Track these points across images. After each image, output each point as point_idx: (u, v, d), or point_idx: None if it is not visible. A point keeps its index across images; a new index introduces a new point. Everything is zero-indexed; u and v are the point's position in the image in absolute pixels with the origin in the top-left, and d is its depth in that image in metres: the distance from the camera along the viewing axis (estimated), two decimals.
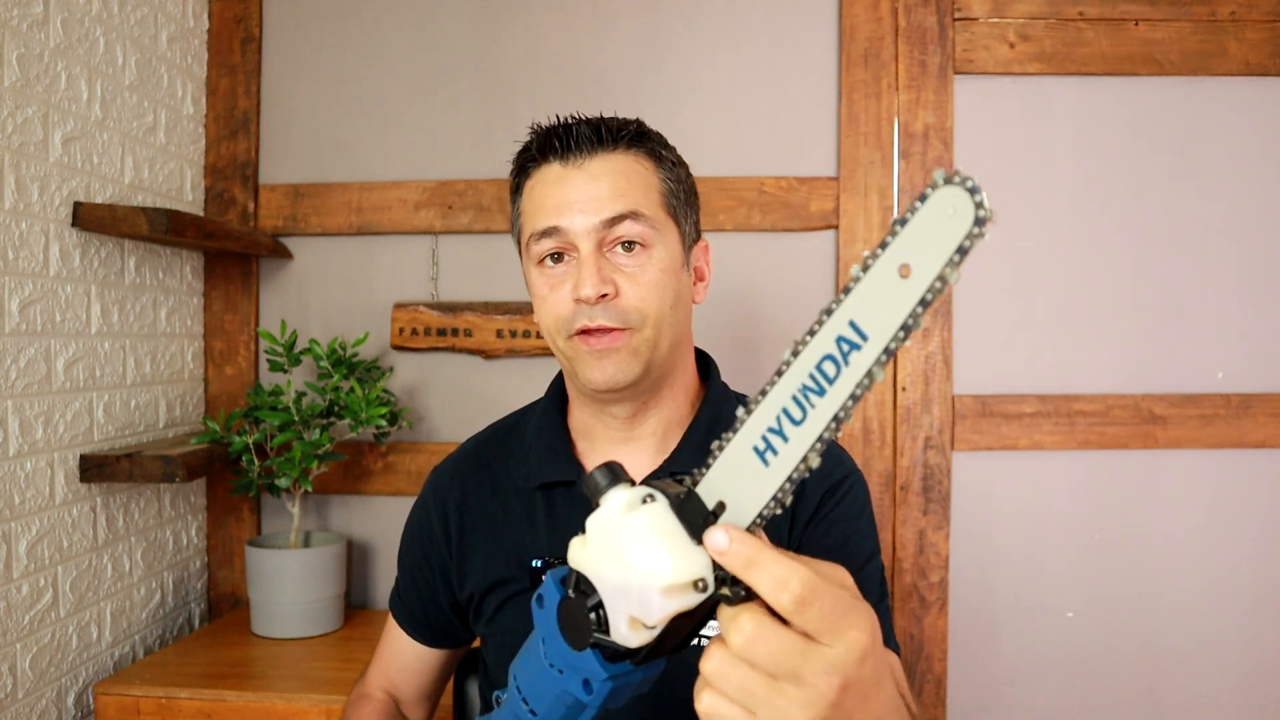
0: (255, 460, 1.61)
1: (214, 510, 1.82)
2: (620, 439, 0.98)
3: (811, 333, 0.51)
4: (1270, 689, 1.73)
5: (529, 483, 0.99)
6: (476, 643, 1.11)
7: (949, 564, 1.74)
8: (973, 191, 0.45)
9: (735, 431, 0.54)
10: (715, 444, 0.54)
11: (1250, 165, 1.72)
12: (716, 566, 0.52)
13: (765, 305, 1.77)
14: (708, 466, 0.54)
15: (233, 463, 1.64)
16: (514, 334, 1.75)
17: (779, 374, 0.52)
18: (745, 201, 1.74)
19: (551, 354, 1.74)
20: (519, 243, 0.97)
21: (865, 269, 0.49)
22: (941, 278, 0.46)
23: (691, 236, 0.98)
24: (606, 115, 0.96)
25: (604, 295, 0.88)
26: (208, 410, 1.81)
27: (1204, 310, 1.73)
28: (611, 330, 0.89)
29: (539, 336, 1.74)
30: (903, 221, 0.48)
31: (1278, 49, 1.71)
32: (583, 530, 0.57)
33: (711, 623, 0.55)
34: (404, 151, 1.81)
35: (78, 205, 1.43)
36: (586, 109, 1.00)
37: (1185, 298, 1.73)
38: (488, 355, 1.78)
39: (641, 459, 0.98)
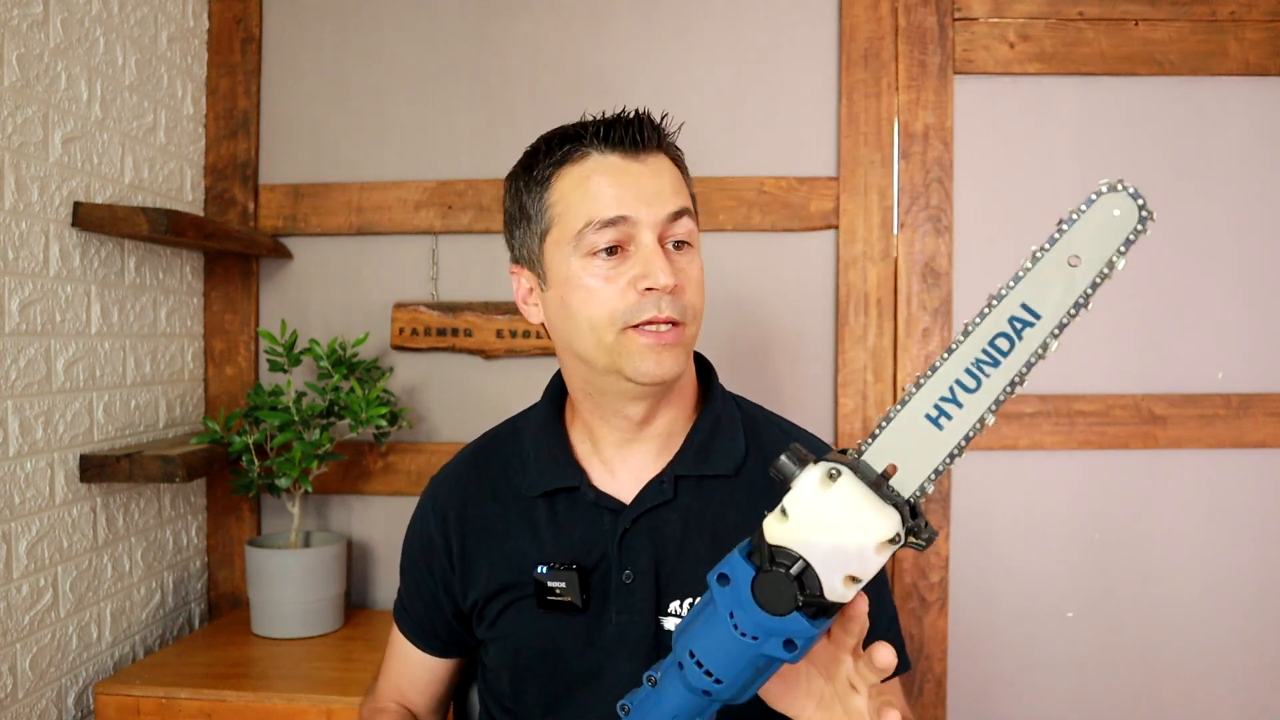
0: (255, 460, 1.61)
1: (214, 510, 1.82)
2: (627, 440, 0.98)
3: (981, 315, 0.61)
4: (1270, 689, 1.73)
5: (531, 490, 0.99)
6: None
7: (949, 564, 1.74)
8: (1135, 196, 0.57)
9: (903, 404, 0.62)
10: (880, 417, 0.61)
11: (1250, 165, 1.72)
12: (903, 520, 0.61)
13: (765, 305, 1.77)
14: (873, 436, 0.63)
15: (233, 463, 1.64)
16: (514, 334, 1.75)
17: (949, 351, 0.62)
18: (745, 201, 1.74)
19: (551, 354, 1.74)
20: (541, 236, 0.93)
21: (1035, 260, 0.60)
22: (1109, 264, 0.58)
23: None
24: (640, 111, 0.96)
25: (677, 285, 0.89)
26: (208, 410, 1.81)
27: (1204, 310, 1.73)
28: (675, 324, 0.89)
29: (539, 336, 1.74)
30: (1069, 221, 0.59)
31: (1278, 49, 1.71)
32: (771, 510, 0.64)
33: None
34: (404, 151, 1.81)
35: (78, 205, 1.43)
36: (586, 109, 1.00)
37: (1185, 298, 1.73)
38: (488, 355, 1.78)
39: (646, 459, 0.98)
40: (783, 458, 0.63)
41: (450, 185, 1.78)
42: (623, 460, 0.98)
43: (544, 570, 0.94)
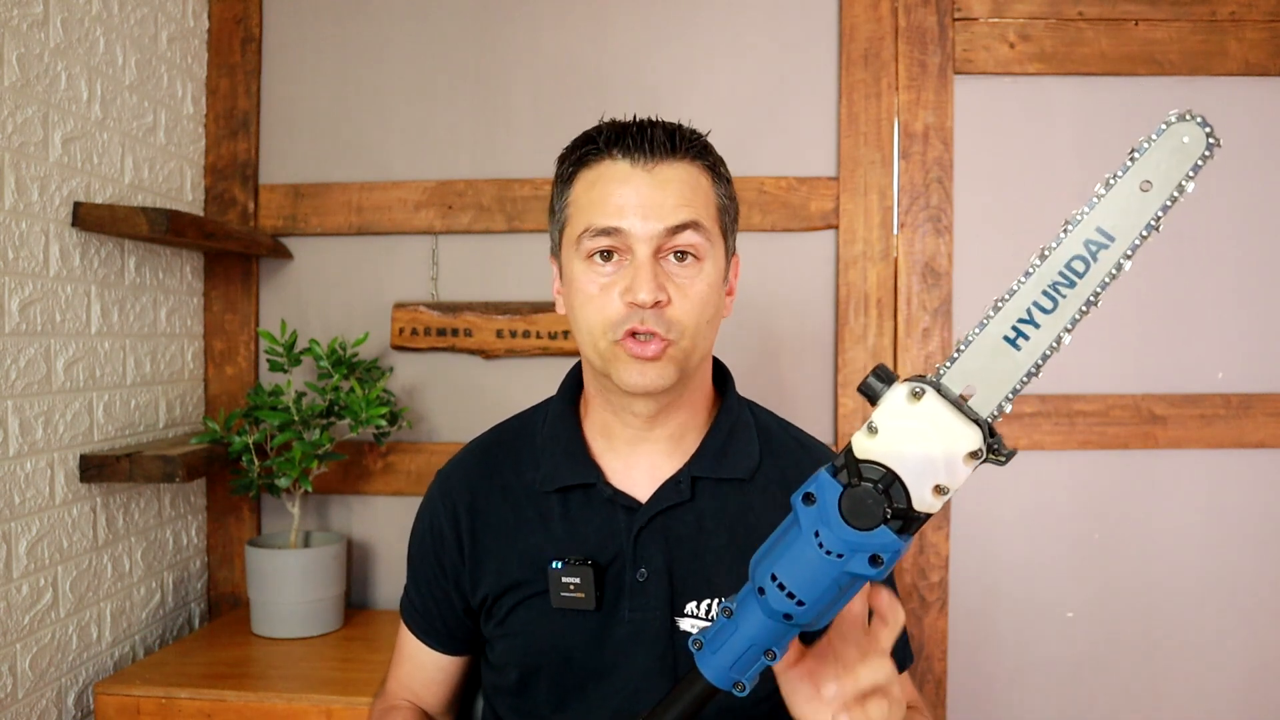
0: (255, 460, 1.61)
1: (214, 510, 1.82)
2: (638, 438, 0.98)
3: (1058, 240, 0.66)
4: (1270, 689, 1.73)
5: (546, 486, 0.98)
6: None
7: (949, 564, 1.74)
8: (1203, 124, 0.62)
9: (981, 327, 0.66)
10: (958, 342, 0.65)
11: (1250, 165, 1.72)
12: (983, 437, 0.64)
13: (765, 305, 1.77)
14: (952, 360, 0.66)
15: (233, 463, 1.64)
16: (514, 334, 1.75)
17: (1026, 275, 0.66)
18: (745, 201, 1.74)
19: (551, 354, 1.75)
20: (560, 231, 0.96)
21: (1108, 187, 0.65)
22: (1179, 187, 0.63)
23: (731, 251, 0.99)
24: (655, 120, 0.95)
25: (659, 301, 0.88)
26: (208, 410, 1.81)
27: (1204, 310, 1.73)
28: (657, 338, 0.89)
29: (539, 336, 1.74)
30: (1141, 149, 0.64)
31: (1278, 49, 1.71)
32: (861, 427, 0.67)
33: None
34: (404, 151, 1.81)
35: (78, 205, 1.43)
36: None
37: (1185, 298, 1.73)
38: (488, 355, 1.78)
39: (657, 459, 0.98)
40: (869, 378, 0.66)
41: (450, 185, 1.78)
42: (636, 458, 0.99)
43: (558, 565, 0.94)
